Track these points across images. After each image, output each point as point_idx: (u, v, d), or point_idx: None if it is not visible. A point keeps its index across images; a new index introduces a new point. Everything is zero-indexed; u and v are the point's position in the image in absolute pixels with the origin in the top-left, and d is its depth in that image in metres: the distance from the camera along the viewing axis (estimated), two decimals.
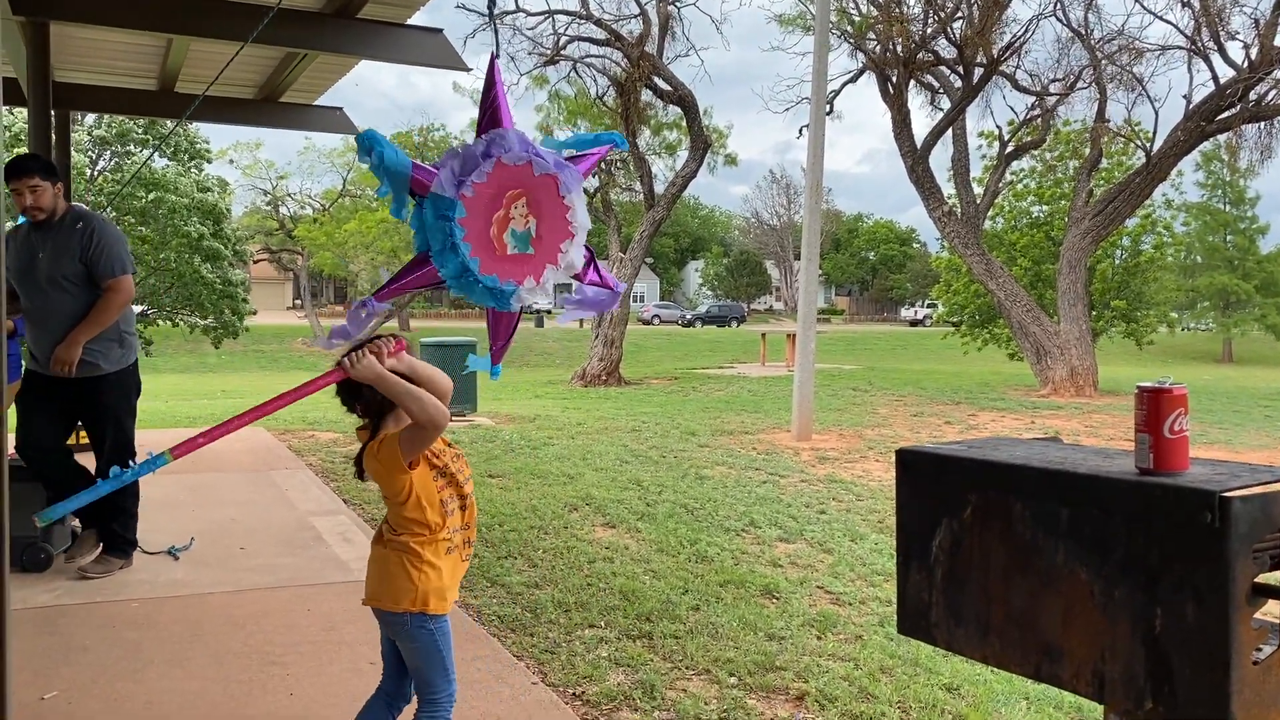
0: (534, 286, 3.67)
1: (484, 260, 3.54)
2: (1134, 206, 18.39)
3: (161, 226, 21.16)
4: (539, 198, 3.59)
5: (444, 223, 3.55)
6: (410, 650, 2.78)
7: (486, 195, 3.54)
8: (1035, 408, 15.16)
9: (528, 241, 3.59)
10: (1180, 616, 1.45)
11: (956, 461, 1.75)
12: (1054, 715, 3.89)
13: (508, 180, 3.54)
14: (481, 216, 3.54)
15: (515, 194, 3.56)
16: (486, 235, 3.56)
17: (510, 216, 3.56)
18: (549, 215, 3.58)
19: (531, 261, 3.61)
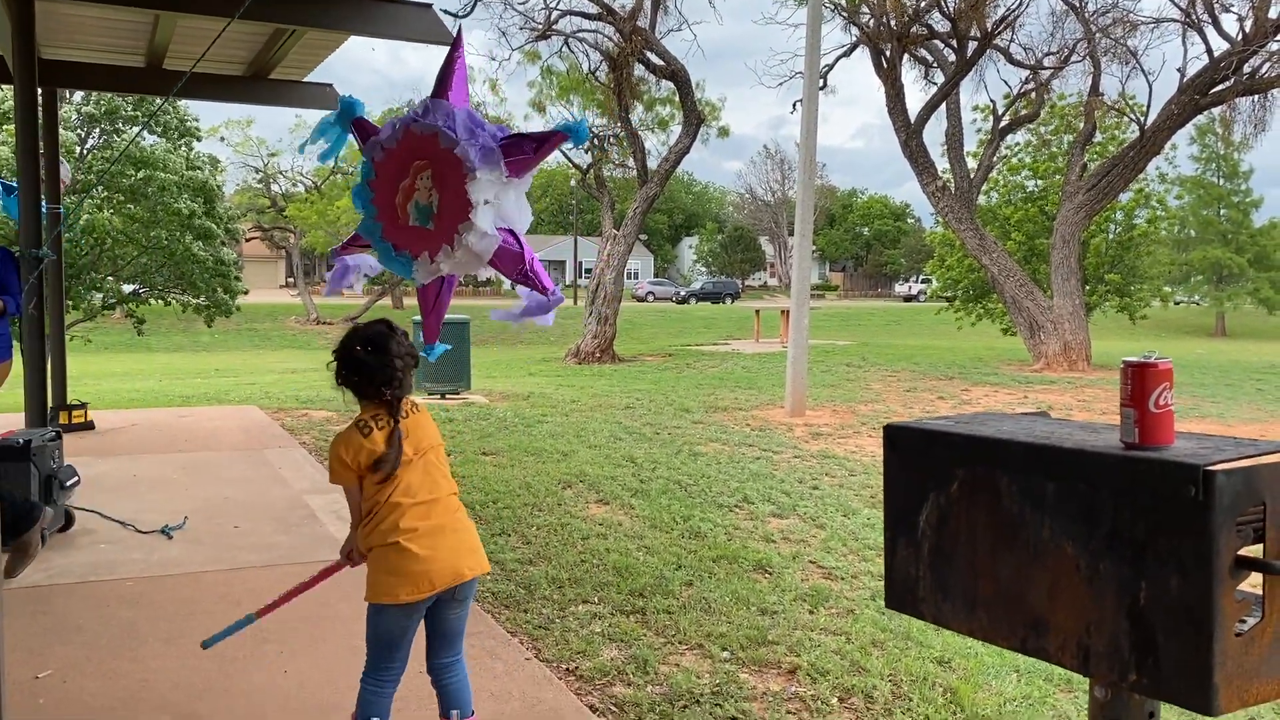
0: (428, 263, 3.52)
1: (387, 226, 3.51)
2: (1127, 180, 18.37)
3: (152, 204, 21.00)
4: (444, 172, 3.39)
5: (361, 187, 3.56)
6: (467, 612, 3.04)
7: (394, 162, 3.50)
8: (1028, 382, 15.20)
9: (429, 217, 3.46)
10: (1165, 589, 1.46)
11: (943, 436, 1.76)
12: (1044, 688, 3.92)
13: (415, 149, 3.45)
14: (389, 182, 3.51)
15: (421, 164, 3.43)
16: (391, 201, 3.52)
17: (415, 187, 3.47)
18: (451, 193, 3.40)
19: (430, 237, 3.46)
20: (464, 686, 3.04)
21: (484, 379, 15.50)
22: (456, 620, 3.01)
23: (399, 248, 3.53)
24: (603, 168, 23.77)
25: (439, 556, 2.88)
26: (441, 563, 2.88)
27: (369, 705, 2.93)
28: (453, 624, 3.01)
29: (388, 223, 3.50)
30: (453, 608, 2.98)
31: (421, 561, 2.86)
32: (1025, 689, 3.90)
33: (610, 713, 3.63)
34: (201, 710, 3.50)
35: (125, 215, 20.81)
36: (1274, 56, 15.80)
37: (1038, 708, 3.74)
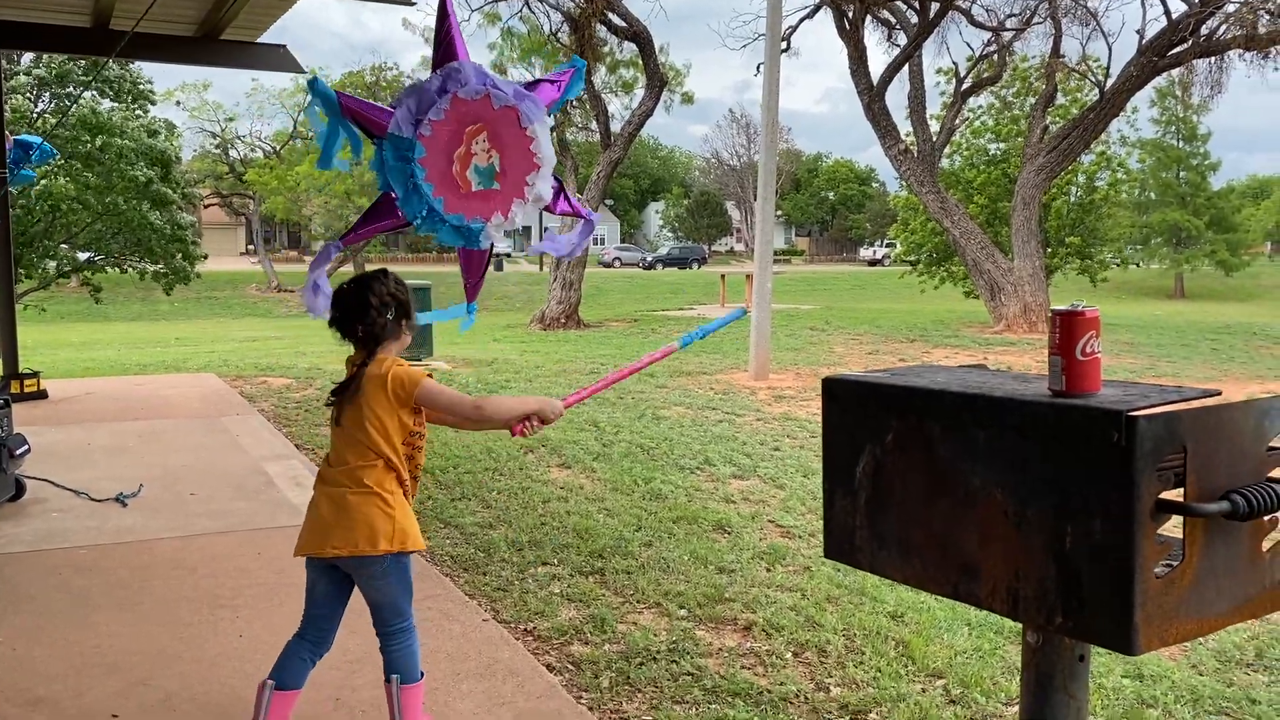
0: (502, 222, 3.61)
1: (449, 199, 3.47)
2: (1088, 142, 18.50)
3: (108, 171, 20.62)
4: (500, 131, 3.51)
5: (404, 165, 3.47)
6: (382, 588, 2.85)
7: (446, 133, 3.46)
8: (988, 344, 15.36)
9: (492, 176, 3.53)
10: (1089, 533, 1.49)
11: (879, 388, 1.77)
12: (995, 640, 4.00)
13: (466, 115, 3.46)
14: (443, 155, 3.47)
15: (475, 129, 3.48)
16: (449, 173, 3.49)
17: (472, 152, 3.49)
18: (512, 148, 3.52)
19: (497, 197, 3.55)
20: (404, 656, 2.92)
21: (447, 345, 15.42)
22: (370, 593, 2.88)
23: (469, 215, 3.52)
24: (565, 131, 23.57)
25: (311, 519, 2.85)
26: (311, 527, 2.84)
27: (280, 659, 2.91)
28: (367, 595, 2.89)
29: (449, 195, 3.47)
30: (358, 578, 2.88)
31: (307, 520, 2.87)
32: (976, 641, 3.97)
33: (567, 671, 3.66)
34: (155, 676, 3.49)
35: (80, 184, 20.41)
36: (1230, 18, 15.92)
37: (988, 659, 3.81)
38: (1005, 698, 3.52)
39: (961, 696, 3.51)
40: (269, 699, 2.83)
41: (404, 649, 2.91)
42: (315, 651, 2.94)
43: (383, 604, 2.88)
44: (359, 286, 2.88)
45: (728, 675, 3.62)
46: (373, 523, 2.77)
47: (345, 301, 2.87)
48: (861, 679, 3.63)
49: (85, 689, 3.38)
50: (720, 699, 3.45)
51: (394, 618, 2.90)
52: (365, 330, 2.83)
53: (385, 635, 2.91)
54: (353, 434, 2.82)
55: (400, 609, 2.90)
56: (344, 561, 2.82)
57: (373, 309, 2.82)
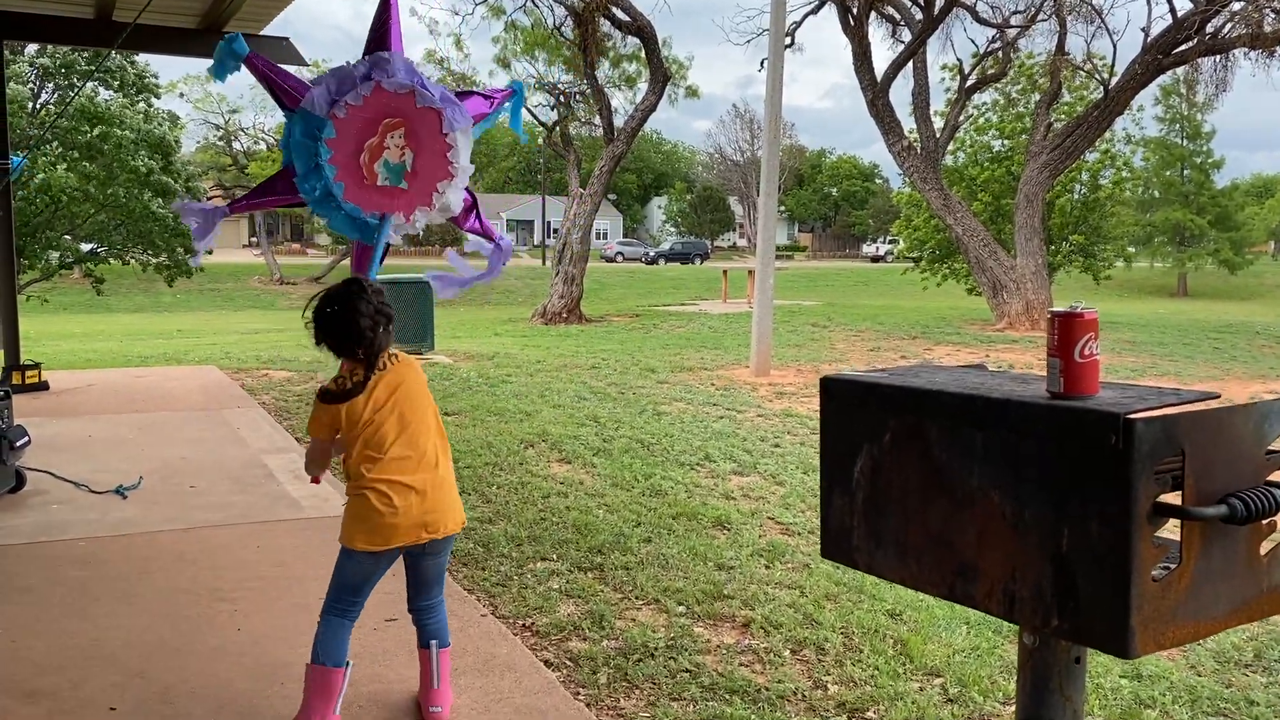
0: (402, 223, 3.56)
1: (349, 186, 3.42)
2: (1092, 140, 18.45)
3: (109, 161, 20.61)
4: (418, 131, 3.42)
5: (310, 142, 3.41)
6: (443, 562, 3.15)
7: (360, 119, 3.40)
8: (990, 341, 15.34)
9: (401, 175, 3.46)
10: (1085, 535, 1.48)
11: (877, 388, 1.76)
12: (993, 639, 3.99)
13: (387, 107, 3.40)
14: (352, 140, 3.41)
15: (393, 123, 3.41)
16: (355, 161, 3.43)
17: (385, 146, 3.43)
18: (428, 151, 3.42)
19: (403, 197, 3.48)
20: (443, 624, 3.21)
21: (448, 339, 15.43)
22: (432, 569, 3.12)
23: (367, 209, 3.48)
24: (569, 125, 23.55)
25: (405, 512, 2.93)
26: (406, 518, 2.94)
27: (328, 643, 3.01)
28: (427, 572, 3.12)
29: (351, 183, 3.41)
30: (426, 559, 3.08)
31: (385, 515, 2.92)
32: (974, 640, 3.97)
33: (565, 667, 3.66)
34: (153, 669, 3.49)
35: (81, 173, 20.40)
36: (1236, 16, 15.87)
37: (985, 658, 3.81)
38: (1003, 697, 3.52)
39: (959, 695, 3.51)
40: (346, 679, 3.05)
41: (443, 618, 3.21)
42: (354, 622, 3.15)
43: (438, 578, 3.16)
44: (347, 310, 2.93)
45: (725, 673, 3.62)
46: (456, 501, 3.08)
47: (338, 328, 2.94)
48: (859, 677, 3.63)
49: (83, 681, 3.38)
50: (718, 696, 3.45)
51: (439, 589, 3.18)
52: (366, 351, 2.95)
53: (429, 608, 3.16)
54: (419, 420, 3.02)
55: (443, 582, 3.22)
56: (437, 541, 3.03)
57: (368, 331, 2.93)
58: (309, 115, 3.34)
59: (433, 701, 3.13)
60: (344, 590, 3.02)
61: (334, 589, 3.04)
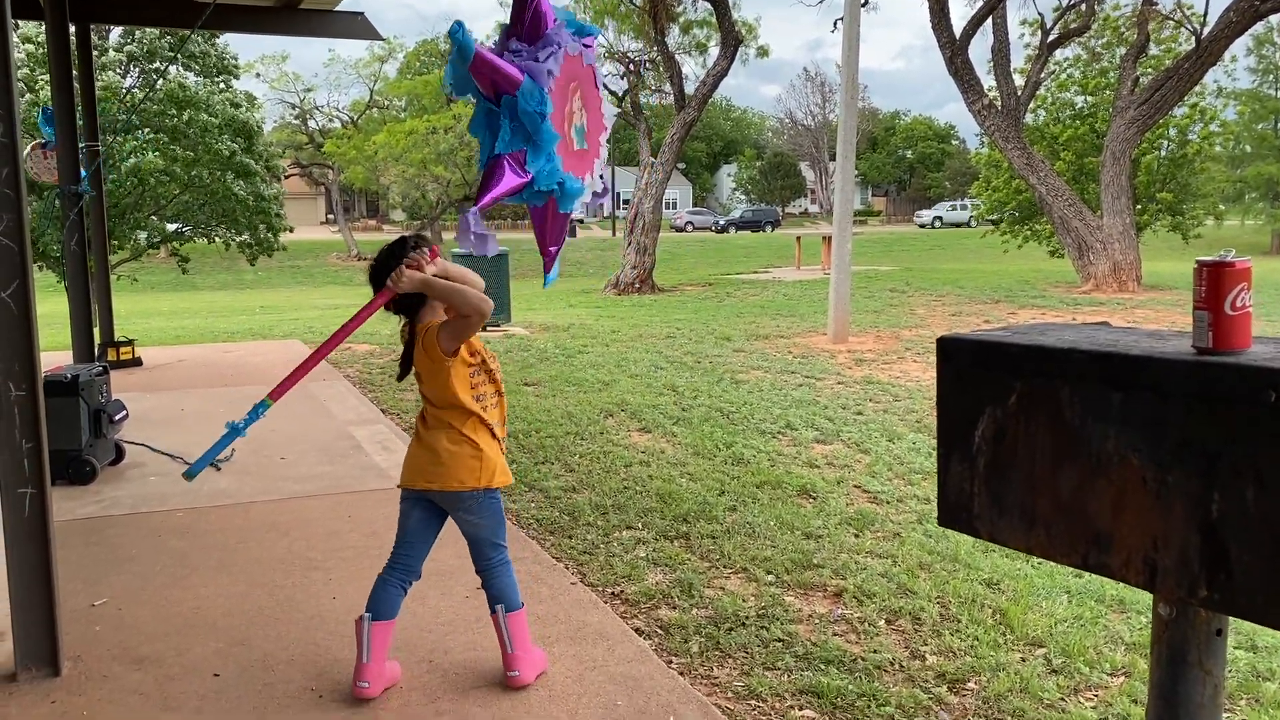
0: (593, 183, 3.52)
1: (565, 159, 3.34)
2: (1182, 93, 17.71)
3: (194, 144, 21.08)
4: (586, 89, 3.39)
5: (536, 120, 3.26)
6: (476, 523, 3.11)
7: (560, 88, 3.33)
8: (1076, 304, 14.90)
9: (584, 136, 3.42)
10: (1240, 501, 1.38)
11: (1000, 348, 1.67)
12: (1095, 608, 3.87)
13: (571, 72, 3.33)
14: (559, 111, 3.33)
15: (574, 86, 3.36)
16: (564, 131, 3.37)
17: (572, 110, 3.38)
18: (592, 108, 3.40)
19: (587, 157, 3.44)
20: (505, 587, 3.17)
21: (524, 311, 15.49)
22: (468, 528, 3.14)
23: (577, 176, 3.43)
24: (639, 94, 23.38)
25: (414, 457, 3.12)
26: (412, 463, 3.13)
27: (372, 594, 3.15)
28: (465, 531, 3.15)
29: (565, 154, 3.36)
30: (456, 515, 3.14)
31: (406, 458, 3.15)
32: (1076, 609, 3.84)
33: (656, 635, 3.64)
34: (253, 637, 3.55)
35: (169, 156, 20.90)
36: None
37: (1089, 628, 3.69)
38: (1109, 668, 3.41)
39: (1064, 666, 3.41)
40: (369, 631, 3.07)
41: (505, 580, 3.17)
42: (405, 580, 3.19)
43: (477, 536, 3.13)
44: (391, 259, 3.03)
45: (819, 642, 3.56)
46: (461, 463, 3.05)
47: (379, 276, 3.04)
48: (958, 647, 3.54)
49: (187, 648, 3.46)
50: (813, 666, 3.39)
51: (492, 551, 3.15)
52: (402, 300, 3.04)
53: (484, 571, 3.17)
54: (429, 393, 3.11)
55: (496, 542, 3.16)
56: (447, 496, 3.07)
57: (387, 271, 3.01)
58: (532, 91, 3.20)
59: (509, 666, 3.15)
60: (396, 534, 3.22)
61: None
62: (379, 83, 49.10)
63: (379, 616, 3.10)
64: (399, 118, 44.11)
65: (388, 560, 3.20)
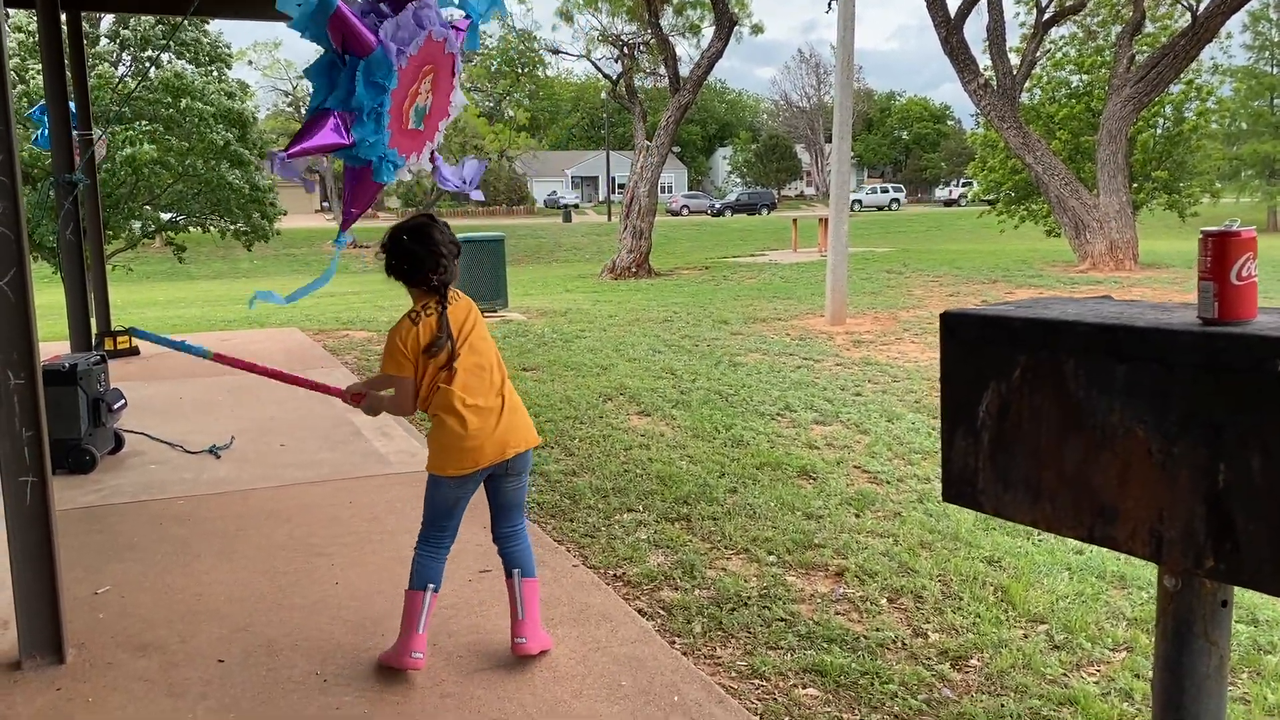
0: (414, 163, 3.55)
1: (395, 134, 3.41)
2: (1178, 70, 17.65)
3: (188, 134, 21.00)
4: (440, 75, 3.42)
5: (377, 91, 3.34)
6: (523, 485, 3.22)
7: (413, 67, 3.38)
8: (1074, 283, 14.90)
9: (422, 117, 3.44)
10: (1245, 471, 1.38)
11: (1004, 322, 1.67)
12: (1096, 585, 3.88)
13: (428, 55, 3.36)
14: (403, 89, 3.40)
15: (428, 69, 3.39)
16: (402, 108, 3.43)
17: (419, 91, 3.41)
18: (440, 92, 3.42)
19: (419, 138, 3.47)
20: (525, 552, 3.24)
21: (521, 296, 15.48)
22: (513, 493, 3.18)
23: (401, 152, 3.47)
24: (633, 77, 23.28)
25: (485, 434, 3.05)
26: (488, 440, 3.05)
27: (423, 570, 3.14)
28: (509, 496, 3.18)
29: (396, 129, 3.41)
30: (508, 481, 3.16)
31: (468, 439, 3.04)
32: (1078, 586, 3.85)
33: (659, 616, 3.65)
34: (257, 622, 3.56)
35: (163, 145, 20.82)
36: None
37: (1090, 604, 3.70)
38: (1111, 643, 3.42)
39: (1066, 642, 3.42)
40: (430, 603, 3.13)
41: (525, 546, 3.25)
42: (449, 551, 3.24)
43: (518, 501, 3.22)
44: (423, 238, 3.04)
45: (822, 621, 3.57)
46: (529, 421, 3.18)
47: (412, 256, 3.04)
48: (960, 624, 3.55)
49: (191, 635, 3.46)
50: (816, 645, 3.40)
51: (520, 516, 3.24)
52: (440, 279, 3.06)
53: (511, 534, 3.23)
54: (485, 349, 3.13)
55: (525, 505, 3.28)
56: (519, 459, 3.12)
57: (443, 258, 3.05)
58: (381, 62, 3.26)
59: (518, 633, 3.18)
60: (437, 517, 3.15)
61: (426, 519, 3.17)
62: None
63: (439, 587, 3.18)
64: None
65: (433, 538, 3.17)
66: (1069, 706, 3.00)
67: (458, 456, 3.05)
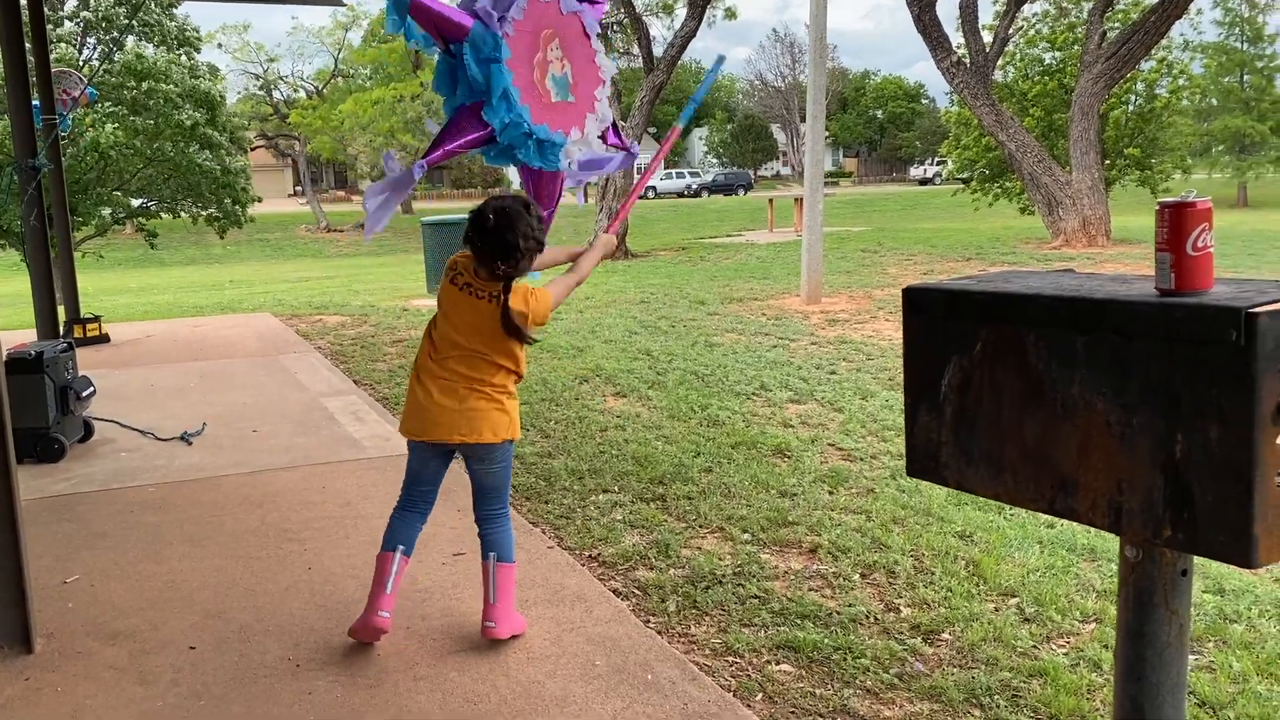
0: (580, 138, 3.40)
1: (534, 108, 3.23)
2: (1149, 46, 17.72)
3: (155, 116, 20.70)
4: (568, 39, 3.28)
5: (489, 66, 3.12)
6: (496, 471, 3.17)
7: (526, 35, 3.19)
8: (1047, 260, 15.00)
9: (568, 88, 3.30)
10: (1202, 441, 1.39)
11: (966, 296, 1.67)
12: (1067, 558, 3.91)
13: (541, 18, 3.21)
14: (524, 59, 3.20)
15: (549, 34, 3.23)
16: (531, 80, 3.24)
17: (548, 60, 3.27)
18: (579, 59, 3.26)
19: (573, 110, 3.31)
20: (502, 537, 3.22)
21: None
22: (482, 476, 3.16)
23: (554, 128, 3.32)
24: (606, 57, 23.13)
25: (435, 410, 3.04)
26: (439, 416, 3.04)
27: (392, 531, 3.20)
28: (479, 479, 3.18)
29: (534, 104, 3.22)
30: (471, 464, 3.16)
31: (421, 407, 3.07)
32: (1048, 559, 3.89)
33: (633, 596, 3.65)
34: (229, 609, 3.54)
35: (129, 128, 20.52)
36: None
37: (1061, 577, 3.73)
38: (1081, 615, 3.45)
39: (1036, 615, 3.45)
40: (399, 564, 3.15)
41: (503, 531, 3.22)
42: (424, 518, 3.25)
43: (491, 485, 3.18)
44: (509, 223, 2.92)
45: (795, 598, 3.59)
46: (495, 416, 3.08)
47: (493, 238, 2.93)
48: (932, 599, 3.58)
49: (162, 622, 3.44)
50: (789, 621, 3.42)
51: (498, 501, 3.22)
52: (507, 270, 2.97)
53: (488, 518, 3.21)
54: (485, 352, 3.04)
55: (504, 494, 3.23)
56: (469, 448, 3.08)
57: (519, 250, 2.94)
58: (482, 38, 3.06)
59: (488, 616, 3.18)
60: (406, 477, 3.22)
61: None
62: (344, 51, 48.37)
63: (409, 551, 3.19)
64: (365, 87, 43.49)
65: (404, 499, 3.22)
66: (1039, 678, 3.03)
67: (405, 418, 3.15)
